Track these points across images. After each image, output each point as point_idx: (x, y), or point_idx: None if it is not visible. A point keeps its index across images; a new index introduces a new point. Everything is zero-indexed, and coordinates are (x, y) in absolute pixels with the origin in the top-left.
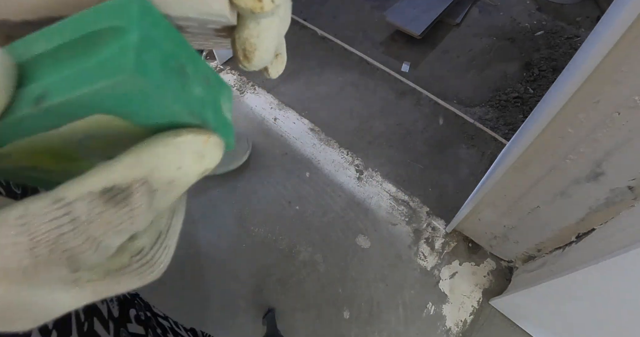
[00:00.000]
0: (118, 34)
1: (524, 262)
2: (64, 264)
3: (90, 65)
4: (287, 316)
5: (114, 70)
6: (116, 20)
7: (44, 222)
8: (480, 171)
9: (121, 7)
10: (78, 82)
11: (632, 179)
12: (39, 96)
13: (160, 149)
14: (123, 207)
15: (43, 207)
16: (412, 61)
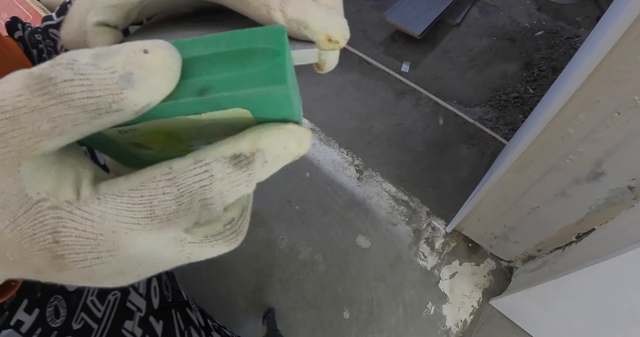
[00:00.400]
0: (273, 54)
1: (524, 262)
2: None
3: (253, 73)
4: (287, 316)
5: (272, 80)
6: (271, 44)
7: (189, 176)
8: (480, 171)
9: (276, 34)
10: (241, 83)
11: (632, 179)
12: (202, 88)
13: (275, 130)
14: (245, 170)
15: (187, 165)
16: (412, 61)
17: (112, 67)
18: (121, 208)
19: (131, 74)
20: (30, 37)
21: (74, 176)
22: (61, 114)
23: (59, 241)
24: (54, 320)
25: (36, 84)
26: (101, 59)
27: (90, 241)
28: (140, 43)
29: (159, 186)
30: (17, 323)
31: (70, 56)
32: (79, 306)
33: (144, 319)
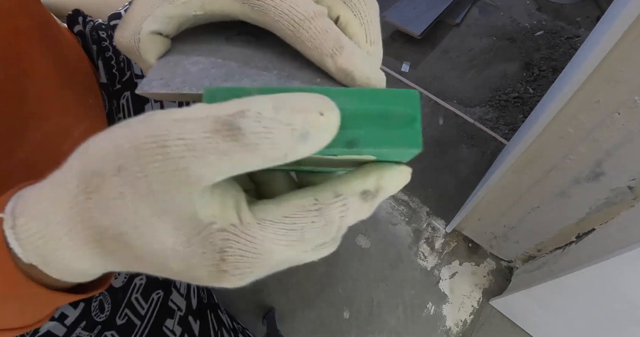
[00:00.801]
0: (411, 118)
1: (524, 262)
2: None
3: (394, 134)
4: (287, 316)
5: (410, 143)
6: (409, 108)
7: (333, 208)
8: (480, 171)
9: (413, 99)
10: (384, 142)
11: (632, 179)
12: (351, 141)
13: (394, 172)
14: (369, 203)
15: (329, 198)
16: (412, 61)
17: (293, 124)
18: (279, 233)
19: (308, 133)
20: (92, 32)
21: (234, 200)
22: (242, 159)
23: (225, 259)
24: (98, 314)
25: (226, 130)
26: (281, 113)
27: (250, 259)
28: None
29: (309, 215)
30: (61, 315)
31: (255, 108)
32: (123, 303)
33: (183, 318)
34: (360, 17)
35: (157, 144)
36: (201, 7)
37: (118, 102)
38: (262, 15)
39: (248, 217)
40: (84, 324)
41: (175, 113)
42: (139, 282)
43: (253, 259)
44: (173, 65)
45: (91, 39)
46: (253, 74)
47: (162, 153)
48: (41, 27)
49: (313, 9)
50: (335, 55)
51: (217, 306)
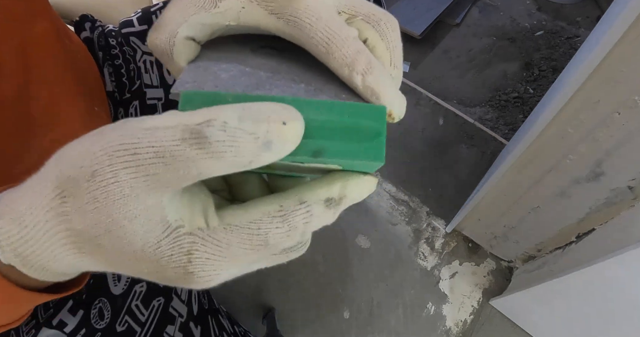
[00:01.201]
0: (376, 132)
1: (524, 262)
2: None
3: (359, 147)
4: (287, 316)
5: (374, 156)
6: (376, 122)
7: (296, 215)
8: (480, 171)
9: (380, 114)
10: (348, 154)
11: (632, 179)
12: (316, 151)
13: (358, 181)
14: (333, 210)
15: (294, 204)
16: (412, 61)
17: (256, 133)
18: (243, 238)
19: (271, 142)
20: (100, 38)
21: (201, 205)
22: (209, 166)
23: (192, 261)
24: (98, 322)
25: (193, 138)
26: (246, 123)
27: (216, 262)
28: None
29: (273, 221)
30: (59, 323)
31: (221, 118)
32: (123, 309)
33: (184, 324)
34: (387, 41)
35: (128, 151)
36: (236, 18)
37: (126, 110)
38: (296, 31)
39: (215, 221)
40: (84, 331)
41: (147, 121)
42: (139, 289)
43: (219, 262)
44: (203, 70)
45: (98, 46)
46: (282, 85)
47: (133, 160)
48: (55, 34)
49: (346, 31)
50: (365, 74)
51: (218, 311)
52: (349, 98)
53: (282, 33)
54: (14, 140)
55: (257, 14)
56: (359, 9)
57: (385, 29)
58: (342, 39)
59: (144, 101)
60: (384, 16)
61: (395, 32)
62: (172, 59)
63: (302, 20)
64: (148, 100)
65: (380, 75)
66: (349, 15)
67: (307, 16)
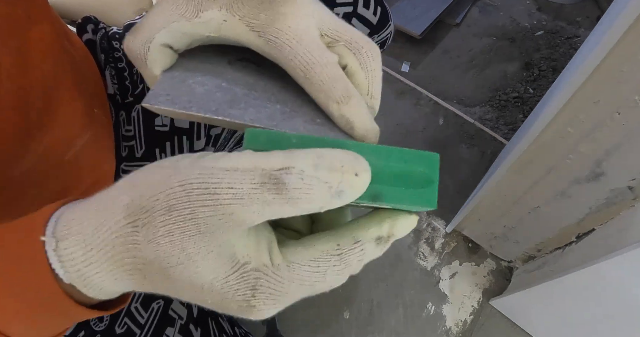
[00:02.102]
0: (429, 179)
1: (524, 262)
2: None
3: (414, 192)
4: (287, 316)
5: (427, 202)
6: (429, 170)
7: (352, 254)
8: (480, 171)
9: (433, 161)
10: (404, 199)
11: (632, 179)
12: (375, 195)
13: (405, 221)
14: (381, 248)
15: (349, 243)
16: (412, 61)
17: (330, 182)
18: (304, 275)
19: (343, 191)
20: (102, 40)
21: (267, 242)
22: (283, 210)
23: (256, 296)
24: (97, 324)
25: (272, 183)
26: (321, 172)
27: (277, 297)
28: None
29: (332, 259)
30: None
31: (299, 166)
32: (122, 312)
33: (184, 327)
34: (366, 70)
35: (208, 190)
36: (217, 30)
37: (129, 114)
38: (275, 52)
39: (279, 259)
40: (83, 333)
41: (225, 162)
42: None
43: (280, 296)
44: (178, 82)
45: (100, 48)
46: (257, 105)
47: (212, 199)
48: (55, 36)
49: (326, 56)
50: (341, 103)
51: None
52: (323, 123)
53: (261, 51)
54: (12, 143)
55: (238, 29)
56: (342, 34)
57: (367, 57)
58: (321, 65)
59: None
60: (366, 44)
61: (376, 61)
62: (145, 65)
63: (282, 42)
64: None
65: (356, 105)
66: (331, 39)
67: (288, 38)
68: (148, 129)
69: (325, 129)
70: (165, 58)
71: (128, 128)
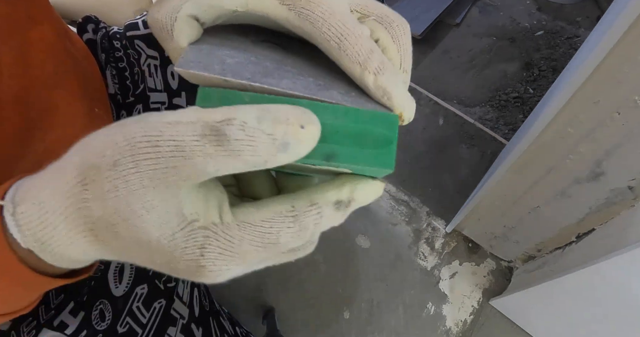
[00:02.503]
0: (387, 140)
1: (524, 262)
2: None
3: (370, 153)
4: (287, 316)
5: (383, 163)
6: (388, 130)
7: (307, 216)
8: (480, 171)
9: (392, 122)
10: (359, 159)
11: (632, 179)
12: (328, 155)
13: (366, 186)
14: (341, 213)
15: (305, 205)
16: (412, 61)
17: (274, 134)
18: (255, 235)
19: (288, 143)
20: (103, 40)
21: (216, 200)
22: (226, 163)
23: (204, 255)
24: (99, 323)
25: (213, 135)
26: (264, 124)
27: (227, 258)
28: (295, 114)
29: (285, 221)
30: (60, 324)
31: (241, 117)
32: (124, 311)
33: (186, 326)
34: (398, 44)
35: (150, 143)
36: (245, 4)
37: (130, 114)
38: (307, 24)
39: (229, 217)
40: (85, 332)
41: (169, 116)
42: (140, 291)
43: (230, 257)
44: (207, 53)
45: (101, 47)
46: (291, 77)
47: (154, 151)
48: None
49: (361, 28)
50: (378, 73)
51: (219, 312)
52: (357, 96)
53: (291, 25)
54: (13, 142)
55: (268, 2)
56: (372, 9)
57: (398, 31)
58: (355, 36)
59: (148, 105)
60: (397, 19)
61: (407, 35)
62: (171, 36)
63: (314, 13)
64: (151, 104)
65: (392, 76)
66: (361, 14)
67: (321, 10)
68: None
69: (362, 100)
70: (191, 30)
71: None
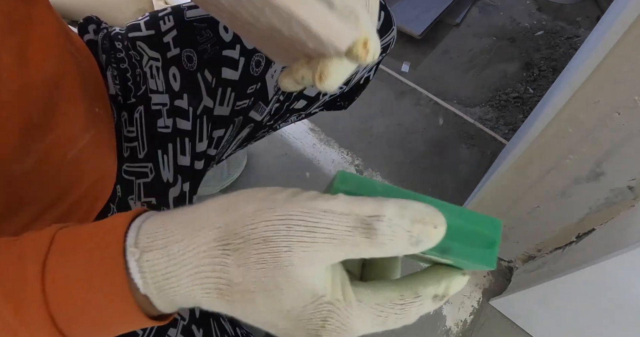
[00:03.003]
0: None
1: (524, 262)
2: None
3: (477, 252)
4: None
5: (487, 262)
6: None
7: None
8: (480, 171)
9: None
10: (467, 256)
11: (632, 179)
12: (444, 249)
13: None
14: (437, 304)
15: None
16: (412, 61)
17: (411, 232)
18: (368, 316)
19: (421, 241)
20: (104, 40)
21: (341, 279)
22: (367, 252)
23: (325, 327)
24: None
25: (364, 228)
26: (405, 221)
27: (342, 331)
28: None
29: (394, 308)
30: None
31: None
32: None
33: (186, 327)
34: None
35: (308, 228)
36: None
37: (131, 115)
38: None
39: (350, 296)
40: None
41: (322, 203)
42: None
43: (345, 331)
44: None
45: (102, 48)
46: None
47: (310, 236)
48: (56, 36)
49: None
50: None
51: (220, 314)
52: None
53: None
54: (13, 142)
55: None
56: None
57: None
58: None
59: (149, 106)
60: None
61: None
62: None
63: None
64: (153, 106)
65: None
66: None
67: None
68: (150, 130)
69: None
70: None
71: (130, 129)
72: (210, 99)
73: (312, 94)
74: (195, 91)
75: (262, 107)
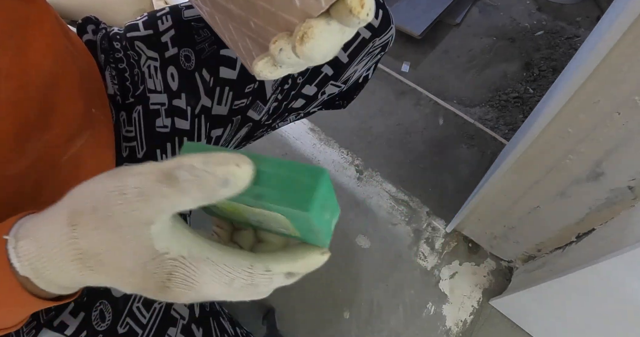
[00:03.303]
0: (310, 188)
1: (524, 262)
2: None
3: (291, 196)
4: (287, 317)
5: (299, 205)
6: (312, 180)
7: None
8: (480, 171)
9: (318, 174)
10: (284, 200)
11: (632, 179)
12: (257, 195)
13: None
14: (289, 280)
15: (262, 269)
16: (412, 61)
17: (216, 173)
18: (215, 272)
19: (228, 180)
20: (102, 40)
21: (189, 240)
22: (178, 200)
23: (171, 279)
24: (99, 323)
25: (166, 179)
26: (208, 166)
27: (189, 283)
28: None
29: (242, 273)
30: (60, 325)
31: (188, 162)
32: (125, 312)
33: (186, 327)
34: None
35: (119, 191)
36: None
37: (129, 115)
38: None
39: (198, 253)
40: (85, 333)
41: (134, 168)
42: None
43: (192, 283)
44: None
45: (101, 48)
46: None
47: (122, 198)
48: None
49: None
50: None
51: (220, 313)
52: None
53: None
54: (9, 141)
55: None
56: None
57: None
58: None
59: (147, 106)
60: None
61: None
62: None
63: None
64: (151, 106)
65: None
66: None
67: None
68: (149, 130)
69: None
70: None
71: (129, 129)
72: (208, 99)
73: (311, 93)
74: (193, 91)
75: (260, 106)
